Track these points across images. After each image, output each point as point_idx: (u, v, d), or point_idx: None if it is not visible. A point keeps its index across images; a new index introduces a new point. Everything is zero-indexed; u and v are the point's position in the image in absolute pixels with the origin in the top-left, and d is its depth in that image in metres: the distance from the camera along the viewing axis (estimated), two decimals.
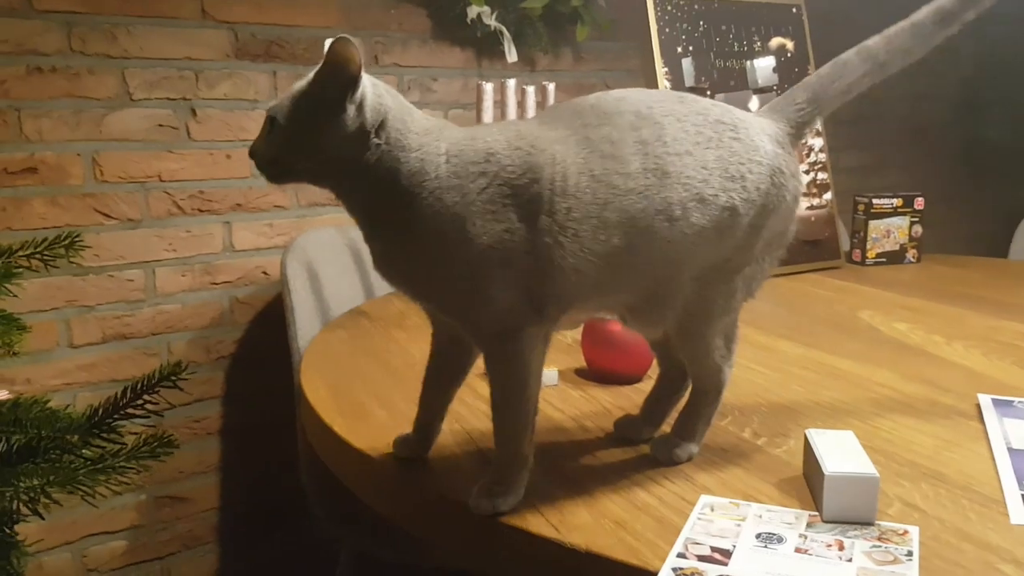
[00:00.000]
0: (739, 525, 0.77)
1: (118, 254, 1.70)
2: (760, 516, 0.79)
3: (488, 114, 1.41)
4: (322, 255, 1.75)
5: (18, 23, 1.54)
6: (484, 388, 1.13)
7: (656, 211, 0.79)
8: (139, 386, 0.86)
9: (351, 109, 0.75)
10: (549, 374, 1.19)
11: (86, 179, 1.65)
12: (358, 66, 0.75)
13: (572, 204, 0.78)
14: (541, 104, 1.67)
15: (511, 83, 1.52)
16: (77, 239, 1.13)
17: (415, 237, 0.78)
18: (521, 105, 1.58)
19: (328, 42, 0.76)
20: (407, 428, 0.98)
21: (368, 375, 1.24)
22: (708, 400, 0.94)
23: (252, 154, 0.79)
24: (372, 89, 0.77)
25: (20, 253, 1.10)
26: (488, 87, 1.41)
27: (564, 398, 1.14)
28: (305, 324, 1.62)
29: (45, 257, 1.11)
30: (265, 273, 1.89)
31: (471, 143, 0.79)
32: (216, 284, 1.83)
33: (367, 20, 1.91)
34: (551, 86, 1.69)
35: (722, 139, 0.83)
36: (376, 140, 0.76)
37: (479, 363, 1.04)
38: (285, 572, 1.99)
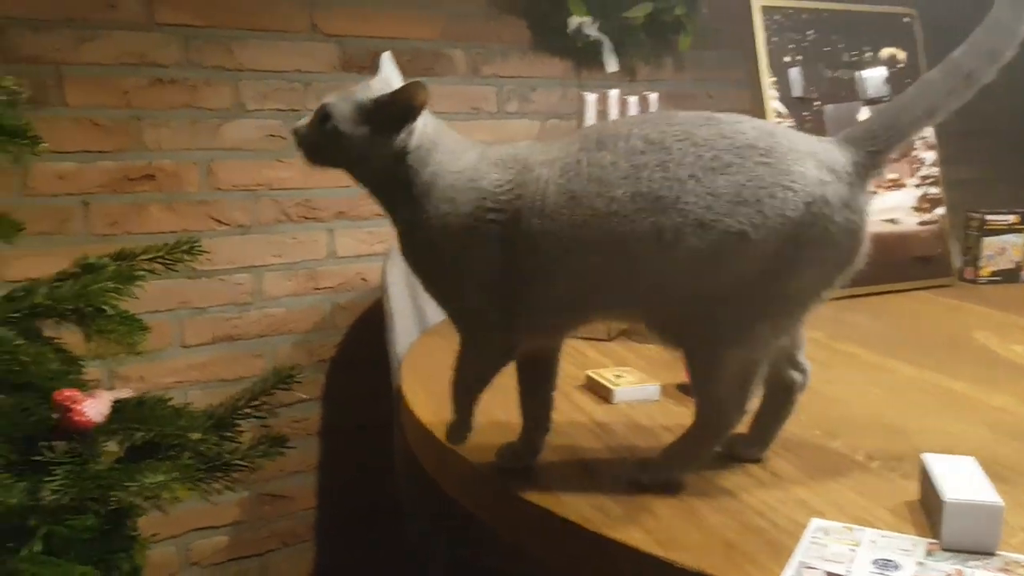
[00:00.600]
0: (853, 550, 0.75)
1: (228, 259, 1.77)
2: (875, 542, 0.77)
3: (591, 122, 1.41)
4: None
5: (141, 36, 1.62)
6: (591, 407, 1.12)
7: (642, 235, 0.81)
8: (256, 388, 0.88)
9: (403, 135, 0.87)
10: (650, 389, 1.18)
11: (200, 186, 1.72)
12: (422, 106, 0.86)
13: (547, 224, 0.84)
14: (644, 114, 1.66)
15: (613, 93, 1.51)
16: (196, 244, 1.18)
17: (417, 237, 0.90)
18: (623, 115, 1.57)
19: (385, 56, 0.95)
20: (506, 436, 0.99)
21: None
22: (704, 431, 0.90)
23: (295, 133, 0.90)
24: (422, 122, 0.88)
25: (143, 257, 1.15)
26: (590, 97, 1.41)
27: (666, 413, 1.13)
28: (403, 330, 1.64)
29: (166, 261, 1.16)
30: (364, 279, 1.93)
31: (479, 161, 0.89)
32: (319, 289, 1.88)
33: (468, 31, 1.93)
34: (653, 96, 1.68)
35: (744, 164, 0.81)
36: (406, 159, 0.87)
37: (577, 376, 1.03)
38: (380, 572, 2.03)
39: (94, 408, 0.82)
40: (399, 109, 0.86)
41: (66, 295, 1.03)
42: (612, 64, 2.02)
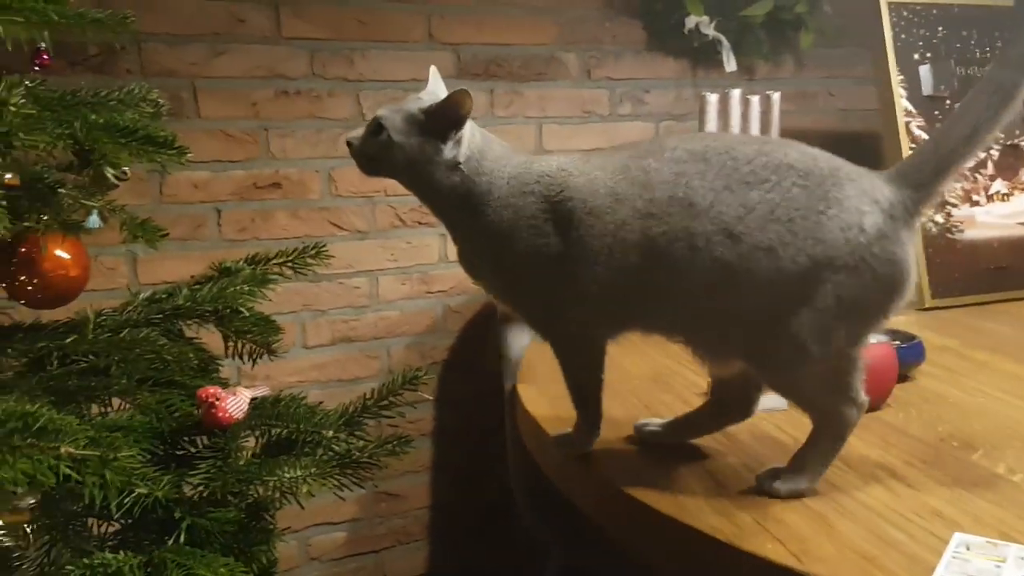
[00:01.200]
0: (999, 567, 0.71)
1: (347, 263, 1.83)
2: (1023, 558, 0.72)
3: (711, 125, 1.38)
4: None
5: (269, 50, 1.69)
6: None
7: (676, 238, 0.84)
8: (385, 388, 0.91)
9: (450, 144, 0.90)
10: (777, 398, 1.14)
11: (323, 194, 1.78)
12: (468, 113, 0.89)
13: (595, 222, 0.87)
14: (766, 114, 1.61)
15: (735, 93, 1.48)
16: (323, 249, 1.22)
17: (479, 243, 0.93)
18: (745, 116, 1.53)
19: (432, 70, 0.98)
20: (623, 441, 0.98)
21: None
22: (822, 436, 0.90)
23: (349, 144, 0.93)
24: (469, 130, 0.92)
25: (274, 261, 1.19)
26: (711, 98, 1.38)
27: (794, 423, 1.09)
28: (515, 333, 1.65)
29: (295, 265, 1.20)
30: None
31: (529, 167, 0.92)
32: (431, 293, 1.92)
33: (581, 35, 1.93)
34: (775, 95, 1.64)
35: (781, 183, 0.83)
36: (460, 168, 0.91)
37: (699, 383, 1.01)
38: (492, 571, 2.04)
39: (235, 405, 0.86)
40: (447, 117, 0.89)
41: (205, 297, 1.08)
42: (730, 63, 1.98)
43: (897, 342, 1.24)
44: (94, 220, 1.07)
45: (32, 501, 0.66)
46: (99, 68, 1.57)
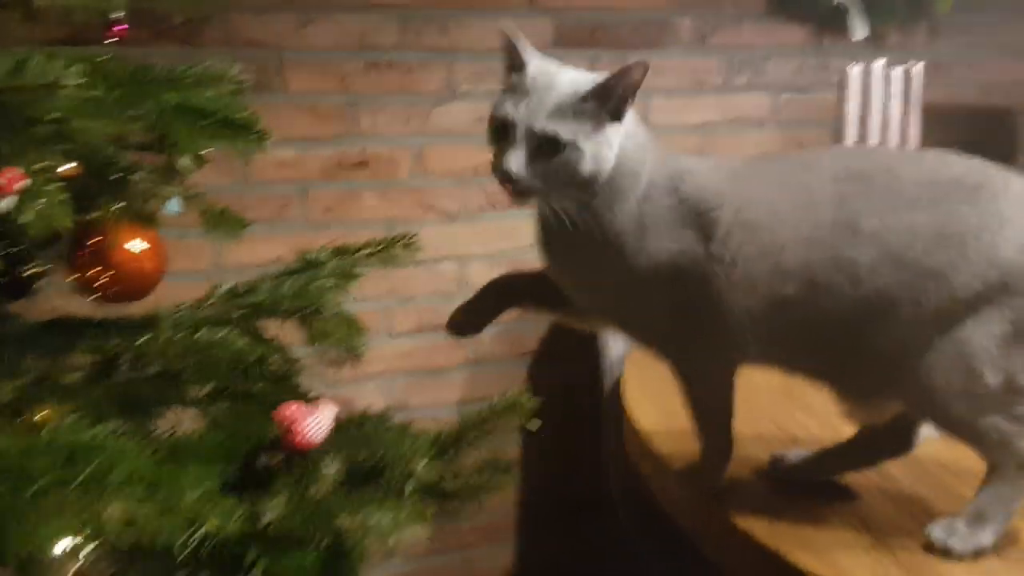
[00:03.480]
0: None
1: (435, 247, 1.72)
2: None
3: (853, 102, 1.21)
4: None
5: (359, 18, 1.58)
6: None
7: (837, 267, 0.75)
8: (484, 413, 0.79)
9: (619, 125, 0.76)
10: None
11: (412, 173, 1.68)
12: (639, 84, 0.76)
13: (750, 240, 0.76)
14: (907, 88, 1.42)
15: (877, 66, 1.29)
16: (413, 239, 1.11)
17: (607, 244, 0.78)
18: (887, 92, 1.34)
19: (514, 35, 0.80)
20: (755, 474, 0.84)
21: None
22: (1002, 478, 0.77)
23: (515, 181, 0.76)
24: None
25: (361, 252, 1.09)
26: (854, 71, 1.21)
27: (953, 452, 0.93)
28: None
29: (384, 256, 1.09)
30: None
31: (677, 163, 0.80)
32: None
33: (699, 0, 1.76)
34: (917, 67, 1.44)
35: (948, 201, 0.74)
36: (630, 156, 0.77)
37: None
38: (583, 569, 1.94)
39: (316, 426, 0.75)
40: (618, 97, 0.76)
41: (287, 293, 0.99)
42: (860, 30, 1.77)
43: None
44: (173, 206, 0.99)
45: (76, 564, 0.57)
46: (184, 38, 1.49)
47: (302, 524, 0.70)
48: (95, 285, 0.94)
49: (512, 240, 1.77)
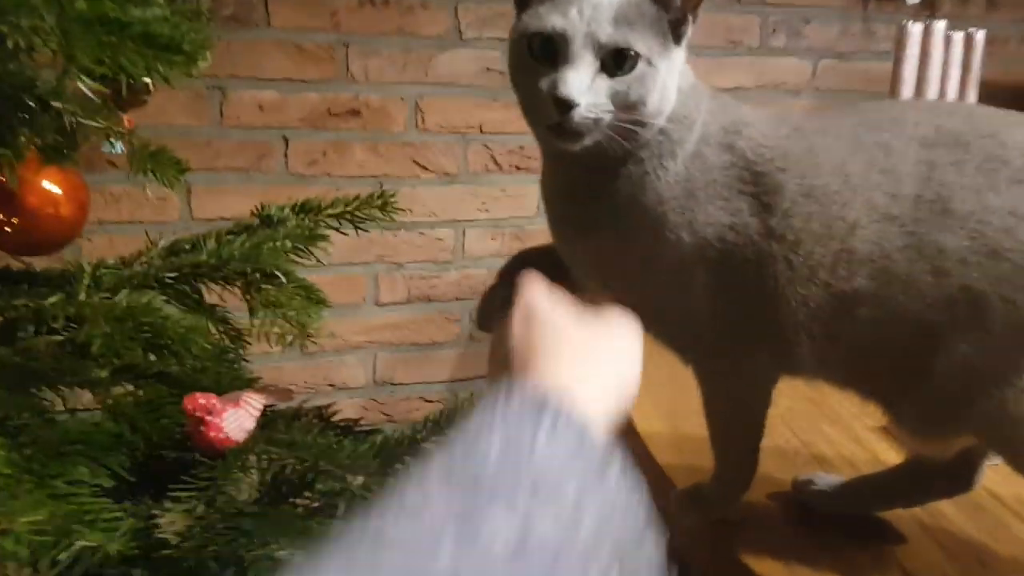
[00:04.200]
0: None
1: (431, 210, 1.56)
2: None
3: (910, 65, 1.03)
4: None
5: None
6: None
7: (920, 255, 0.58)
8: (435, 419, 0.64)
9: (681, 50, 0.60)
10: None
11: (407, 126, 1.52)
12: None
13: (814, 212, 0.60)
14: (967, 56, 1.24)
15: (939, 27, 1.11)
16: (391, 199, 0.95)
17: (635, 213, 0.61)
18: (946, 59, 1.17)
19: None
20: (772, 501, 0.69)
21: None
22: None
23: (571, 104, 0.55)
24: None
25: (329, 212, 0.93)
26: (914, 29, 1.03)
27: (1006, 478, 0.77)
28: None
29: (355, 217, 0.94)
30: None
31: (725, 109, 0.63)
32: None
33: None
34: (979, 34, 1.26)
35: None
36: (691, 97, 0.61)
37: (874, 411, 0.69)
38: None
39: (235, 421, 0.61)
40: (682, 8, 0.58)
41: (235, 254, 0.84)
42: None
43: None
44: (110, 144, 0.84)
45: None
46: None
47: (202, 546, 0.56)
48: (3, 232, 0.79)
49: (516, 207, 1.61)
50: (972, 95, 1.31)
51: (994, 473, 0.72)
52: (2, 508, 0.46)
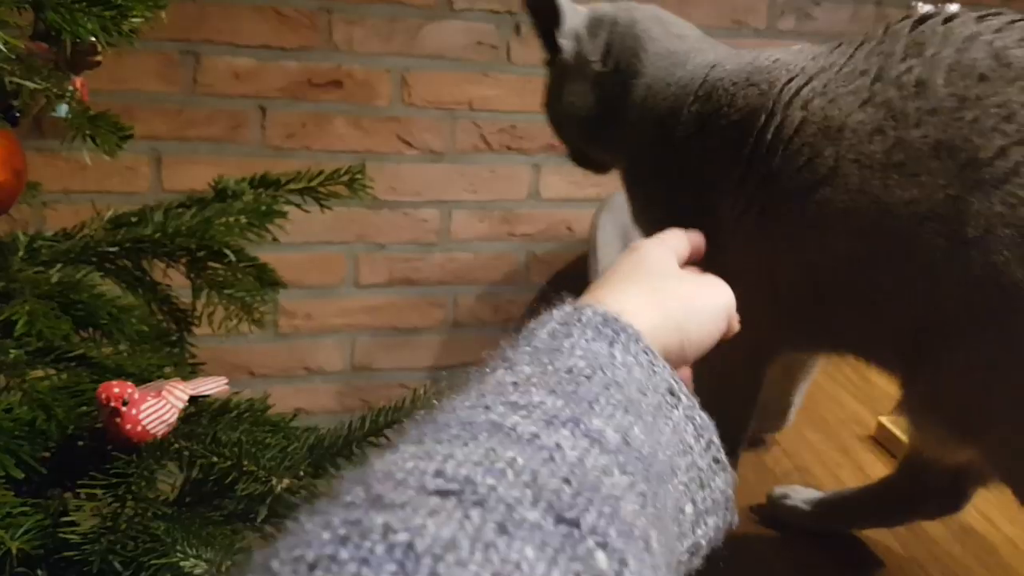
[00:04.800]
0: None
1: (415, 189, 1.50)
2: None
3: None
4: None
5: None
6: (883, 472, 0.71)
7: (930, 215, 0.48)
8: (380, 417, 0.58)
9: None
10: None
11: (392, 100, 1.45)
12: None
13: (786, 169, 0.54)
14: None
15: (952, 8, 1.04)
16: (358, 175, 0.89)
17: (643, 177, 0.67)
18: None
19: None
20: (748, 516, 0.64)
21: None
22: None
23: None
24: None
25: (290, 187, 0.87)
26: (925, 9, 0.96)
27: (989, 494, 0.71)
28: None
29: (318, 194, 0.88)
30: (570, 229, 1.60)
31: (691, 57, 0.65)
32: (514, 235, 1.58)
33: None
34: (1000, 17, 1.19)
35: None
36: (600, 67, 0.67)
37: (864, 422, 0.64)
38: None
39: (154, 413, 0.55)
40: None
41: (182, 228, 0.78)
42: None
43: None
44: (64, 108, 0.78)
45: None
46: None
47: (108, 550, 0.50)
48: None
49: (506, 188, 1.55)
50: None
51: (987, 493, 0.66)
52: None
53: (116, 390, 0.55)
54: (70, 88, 0.78)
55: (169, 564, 0.47)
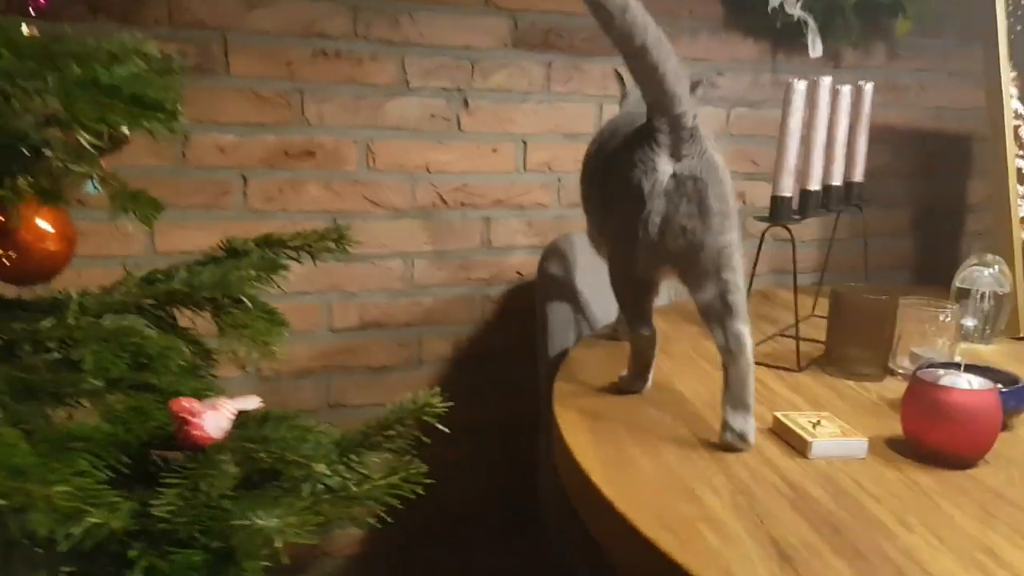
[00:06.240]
0: None
1: (381, 242, 1.69)
2: None
3: (797, 116, 1.20)
4: (582, 259, 1.62)
5: (308, 5, 1.55)
6: (780, 459, 0.92)
7: (627, 192, 0.99)
8: (391, 415, 0.76)
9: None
10: (855, 444, 0.97)
11: (359, 166, 1.64)
12: None
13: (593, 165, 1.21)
14: (856, 106, 1.42)
15: (825, 81, 1.29)
16: (346, 233, 1.08)
17: None
18: (833, 108, 1.34)
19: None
20: (681, 494, 0.82)
21: (629, 409, 1.09)
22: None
23: None
24: None
25: (290, 244, 1.06)
26: (799, 86, 1.20)
27: (874, 477, 0.92)
28: (557, 331, 1.50)
29: (314, 249, 1.06)
30: (519, 273, 1.80)
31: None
32: (470, 279, 1.77)
33: (655, 7, 1.74)
34: (868, 86, 1.44)
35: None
36: None
37: (762, 417, 0.84)
38: None
39: (214, 422, 0.72)
40: None
41: (205, 282, 0.95)
42: (816, 48, 1.78)
43: (999, 385, 1.05)
44: (91, 186, 0.95)
45: None
46: (123, 16, 1.45)
47: (191, 522, 0.67)
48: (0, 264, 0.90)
49: (462, 240, 1.75)
50: (863, 140, 1.49)
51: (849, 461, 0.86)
52: (37, 481, 0.57)
53: (185, 404, 0.72)
54: (103, 171, 0.96)
55: (242, 526, 0.64)
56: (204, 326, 0.99)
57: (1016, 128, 1.60)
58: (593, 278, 1.62)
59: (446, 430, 0.78)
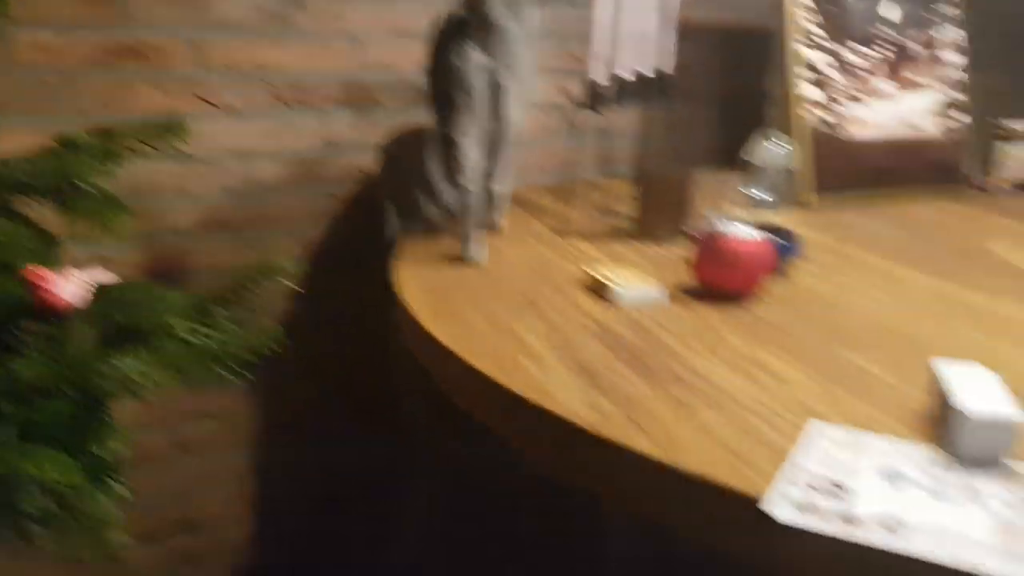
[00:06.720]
0: (857, 457, 0.73)
1: (220, 143, 1.70)
2: (881, 449, 0.74)
3: (603, 9, 1.32)
4: (420, 152, 1.71)
5: None
6: (592, 307, 1.06)
7: None
8: (241, 276, 0.84)
9: None
10: (656, 292, 1.14)
11: (193, 66, 1.64)
12: None
13: None
14: (662, 3, 1.56)
15: None
16: (180, 125, 1.12)
17: None
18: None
19: None
20: (509, 338, 0.96)
21: (462, 278, 1.22)
22: None
23: None
24: None
25: (125, 135, 1.09)
26: None
27: (671, 317, 1.09)
28: (397, 219, 1.59)
29: (149, 143, 1.10)
30: (361, 171, 1.86)
31: None
32: (312, 179, 1.82)
33: None
34: None
35: None
36: None
37: (576, 274, 0.98)
38: (372, 466, 2.03)
39: (68, 288, 0.78)
40: None
41: (45, 171, 0.98)
42: None
43: (775, 237, 1.25)
44: None
45: None
46: None
47: (58, 378, 0.73)
48: None
49: (301, 140, 1.78)
50: (669, 37, 1.63)
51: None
52: None
53: (38, 272, 0.77)
54: None
55: (108, 372, 0.71)
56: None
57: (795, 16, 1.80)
58: (433, 168, 1.71)
59: (299, 289, 0.86)
